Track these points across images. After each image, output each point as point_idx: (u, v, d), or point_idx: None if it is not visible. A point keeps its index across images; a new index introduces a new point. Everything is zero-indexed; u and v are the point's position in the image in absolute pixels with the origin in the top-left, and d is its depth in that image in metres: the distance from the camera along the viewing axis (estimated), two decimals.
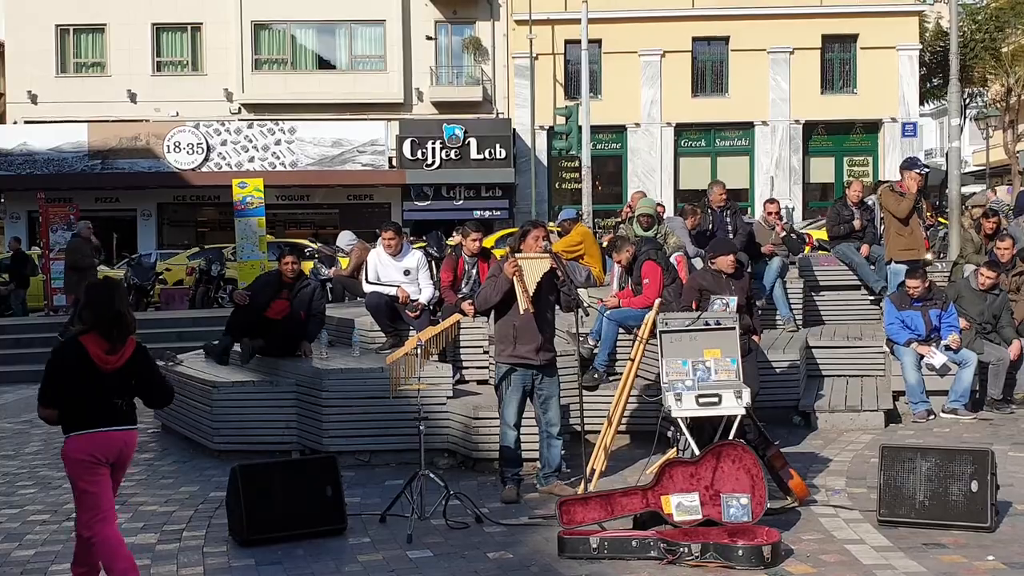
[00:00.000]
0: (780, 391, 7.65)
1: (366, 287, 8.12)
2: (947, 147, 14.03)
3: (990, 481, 5.00)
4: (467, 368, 7.80)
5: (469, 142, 25.63)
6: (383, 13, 26.85)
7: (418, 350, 5.85)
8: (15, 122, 26.81)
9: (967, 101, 29.99)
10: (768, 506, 5.08)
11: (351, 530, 5.37)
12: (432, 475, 5.64)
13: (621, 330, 7.49)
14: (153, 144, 25.72)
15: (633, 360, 6.35)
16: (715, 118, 27.02)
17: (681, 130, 27.25)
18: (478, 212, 25.01)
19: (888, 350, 8.19)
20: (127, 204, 26.52)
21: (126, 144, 25.71)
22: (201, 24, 27.09)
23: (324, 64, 27.68)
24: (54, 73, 26.99)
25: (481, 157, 25.71)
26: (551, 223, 15.11)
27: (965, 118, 28.24)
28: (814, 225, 19.16)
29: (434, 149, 25.62)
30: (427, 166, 25.69)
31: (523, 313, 5.78)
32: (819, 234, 15.83)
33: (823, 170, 28.01)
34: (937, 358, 7.77)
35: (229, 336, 8.11)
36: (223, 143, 25.83)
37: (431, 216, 25.13)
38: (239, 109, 27.05)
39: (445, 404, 6.88)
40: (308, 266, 15.99)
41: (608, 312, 7.44)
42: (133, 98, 26.86)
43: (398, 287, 7.88)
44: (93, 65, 27.44)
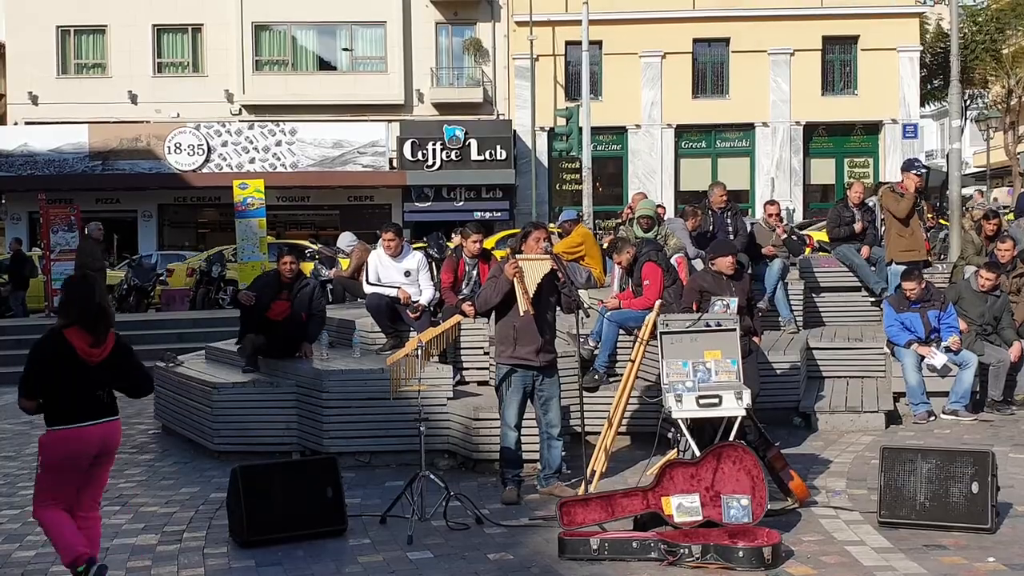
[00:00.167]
0: (781, 392, 7.65)
1: (367, 288, 8.12)
2: (948, 148, 14.02)
3: (991, 482, 5.00)
4: (467, 369, 7.80)
5: (470, 143, 25.63)
6: (384, 14, 26.86)
7: (419, 351, 5.85)
8: (16, 123, 26.84)
9: (968, 103, 30.01)
10: (768, 507, 5.08)
11: (351, 531, 5.37)
12: (432, 476, 5.64)
13: (621, 331, 7.49)
14: (154, 145, 25.74)
15: (633, 361, 6.35)
16: (716, 119, 27.03)
17: (682, 131, 27.26)
18: (479, 213, 25.01)
19: (888, 351, 8.19)
20: (128, 205, 26.54)
21: (127, 145, 25.73)
22: (202, 25, 27.11)
23: (325, 65, 27.70)
24: (55, 74, 27.01)
25: (482, 158, 25.71)
26: (552, 224, 15.12)
27: (966, 120, 28.26)
28: (812, 227, 19.15)
29: (435, 150, 25.63)
30: (428, 167, 25.70)
31: (523, 315, 5.79)
32: (819, 235, 15.83)
33: (824, 171, 28.01)
34: (938, 358, 7.77)
35: (251, 338, 7.84)
36: (224, 144, 25.85)
37: (432, 217, 25.13)
38: (240, 110, 27.07)
39: (445, 405, 6.89)
40: (308, 267, 16.00)
41: (608, 313, 7.44)
42: (134, 99, 26.88)
43: (399, 288, 7.89)
44: (94, 66, 27.46)
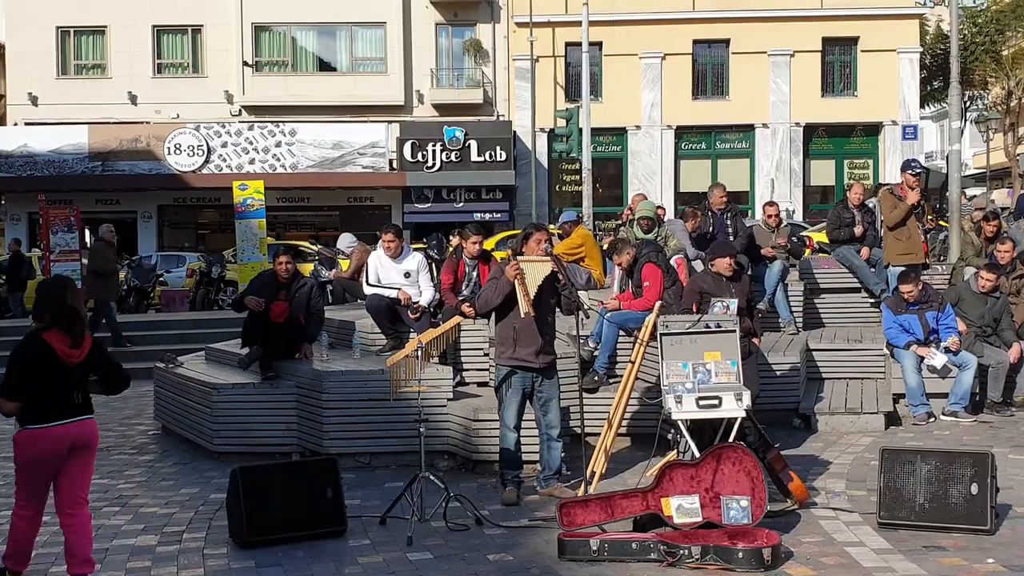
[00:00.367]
0: (780, 393, 7.65)
1: (367, 289, 8.12)
2: (947, 150, 14.05)
3: (990, 484, 5.00)
4: (467, 370, 7.80)
5: (469, 144, 25.63)
6: (383, 15, 26.86)
7: (418, 352, 5.86)
8: (15, 124, 26.83)
9: (967, 104, 30.03)
10: (768, 508, 5.08)
11: (351, 532, 5.38)
12: (432, 477, 5.64)
13: (621, 332, 7.49)
14: (153, 146, 25.73)
15: (633, 362, 6.36)
16: (715, 120, 27.03)
17: (681, 132, 27.26)
18: (478, 214, 25.01)
19: (888, 353, 8.20)
20: (127, 206, 26.53)
21: (126, 146, 25.72)
22: (202, 26, 27.10)
23: (324, 66, 27.70)
24: (55, 75, 27.00)
25: (481, 159, 25.71)
26: (552, 226, 15.12)
27: (965, 121, 28.28)
28: (812, 229, 19.15)
29: (434, 151, 25.63)
30: (427, 168, 25.70)
31: (524, 316, 5.79)
32: (819, 236, 15.84)
33: (823, 173, 28.01)
34: (938, 359, 7.77)
35: (256, 347, 7.72)
36: (223, 145, 25.85)
37: (431, 218, 25.13)
38: (239, 111, 27.07)
39: (445, 406, 6.89)
40: (308, 268, 16.01)
41: (608, 314, 7.44)
42: (134, 100, 26.87)
43: (399, 289, 7.89)
44: (94, 67, 27.46)
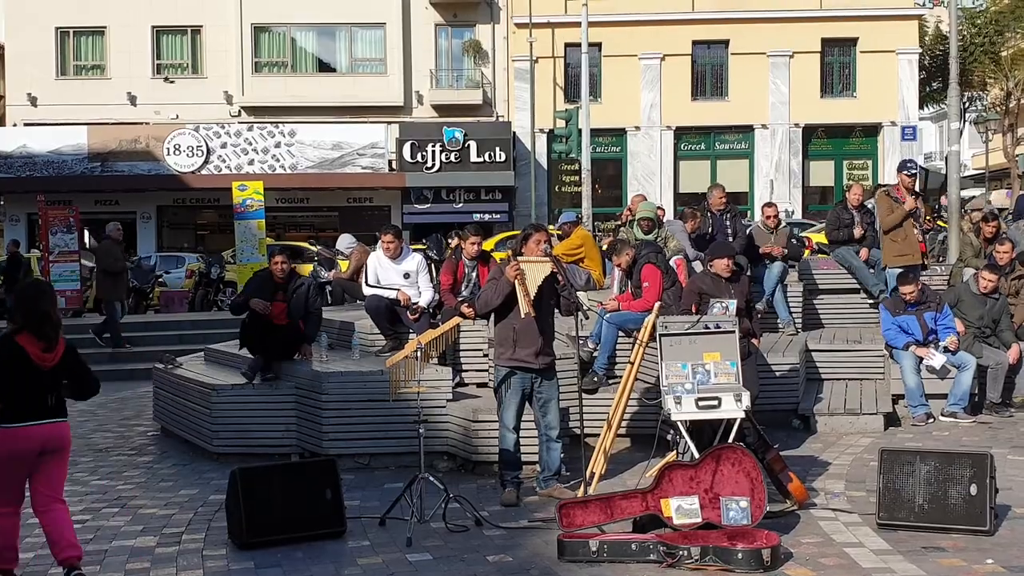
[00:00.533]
0: (779, 394, 7.65)
1: (366, 290, 8.12)
2: (946, 151, 14.05)
3: (989, 484, 5.01)
4: (467, 371, 7.80)
5: (469, 145, 25.64)
6: (383, 16, 26.87)
7: (418, 353, 5.85)
8: (15, 124, 26.83)
9: (966, 105, 30.03)
10: (767, 509, 5.08)
11: (350, 533, 5.37)
12: (432, 478, 5.64)
13: (621, 333, 7.49)
14: (153, 147, 25.74)
15: (633, 363, 6.35)
16: (715, 121, 27.05)
17: (681, 133, 27.27)
18: (478, 215, 25.01)
19: (887, 354, 8.20)
20: (127, 207, 26.51)
21: (126, 147, 25.72)
22: (201, 27, 27.11)
23: (324, 67, 27.70)
24: (54, 75, 27.00)
25: (481, 160, 25.72)
26: (551, 226, 15.12)
27: (964, 122, 28.28)
28: (813, 229, 19.15)
29: (434, 152, 25.63)
30: (427, 169, 25.70)
31: (524, 317, 5.79)
32: (818, 237, 15.85)
33: (823, 173, 28.03)
34: (936, 359, 7.77)
35: (259, 355, 7.58)
36: (223, 146, 25.85)
37: (431, 219, 25.13)
38: (239, 112, 27.07)
39: (445, 407, 6.89)
40: (307, 268, 16.01)
41: (608, 315, 7.45)
42: (133, 101, 26.87)
43: (398, 290, 7.89)
44: (93, 68, 27.45)
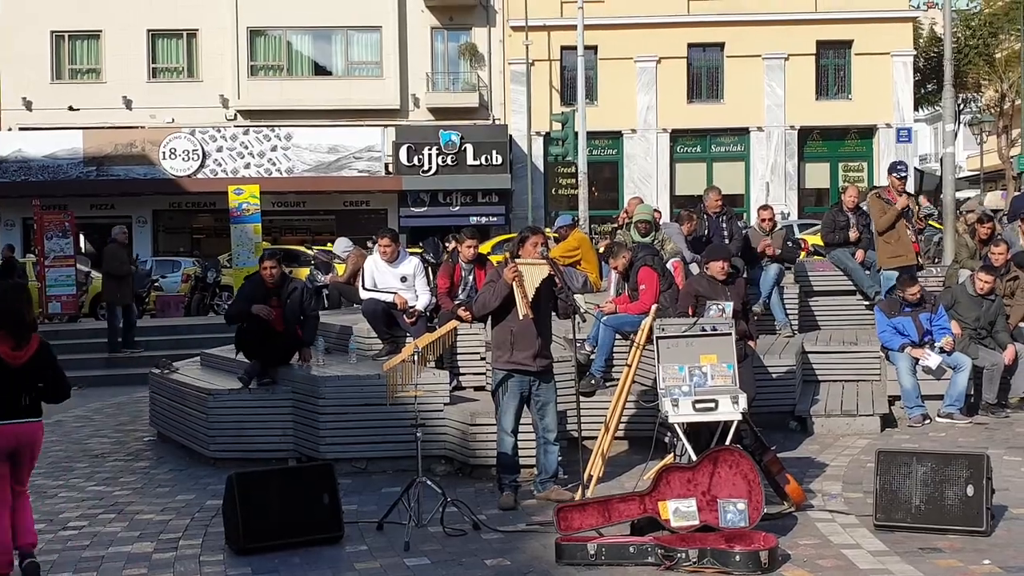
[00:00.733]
0: (776, 396, 7.65)
1: (363, 294, 8.12)
2: (941, 153, 14.10)
3: (986, 485, 5.01)
4: (464, 375, 7.80)
5: (465, 148, 25.65)
6: (379, 19, 26.88)
7: (415, 357, 5.85)
8: (10, 128, 26.77)
9: (961, 107, 30.16)
10: (765, 511, 5.08)
11: (348, 538, 5.36)
12: (429, 482, 5.64)
13: (618, 336, 7.49)
14: (148, 151, 25.71)
15: (630, 366, 6.36)
16: (710, 124, 27.09)
17: (677, 136, 27.31)
18: (474, 218, 25.02)
19: (883, 355, 8.21)
20: (122, 211, 26.45)
21: (121, 151, 25.69)
22: (197, 30, 27.10)
23: (320, 70, 27.70)
24: (49, 79, 26.97)
25: (477, 163, 25.73)
26: (548, 229, 15.12)
27: (959, 123, 28.38)
28: (811, 231, 19.17)
29: (430, 155, 25.64)
30: (423, 172, 25.71)
31: (522, 319, 5.79)
32: (814, 239, 15.87)
33: (818, 175, 28.08)
34: (932, 359, 7.78)
35: (256, 360, 7.54)
36: (219, 149, 25.83)
37: (428, 222, 25.14)
38: (235, 115, 27.05)
39: (442, 411, 6.89)
40: (304, 272, 15.99)
41: (605, 318, 7.45)
42: (128, 104, 26.84)
43: (395, 293, 7.89)
44: (88, 71, 27.43)
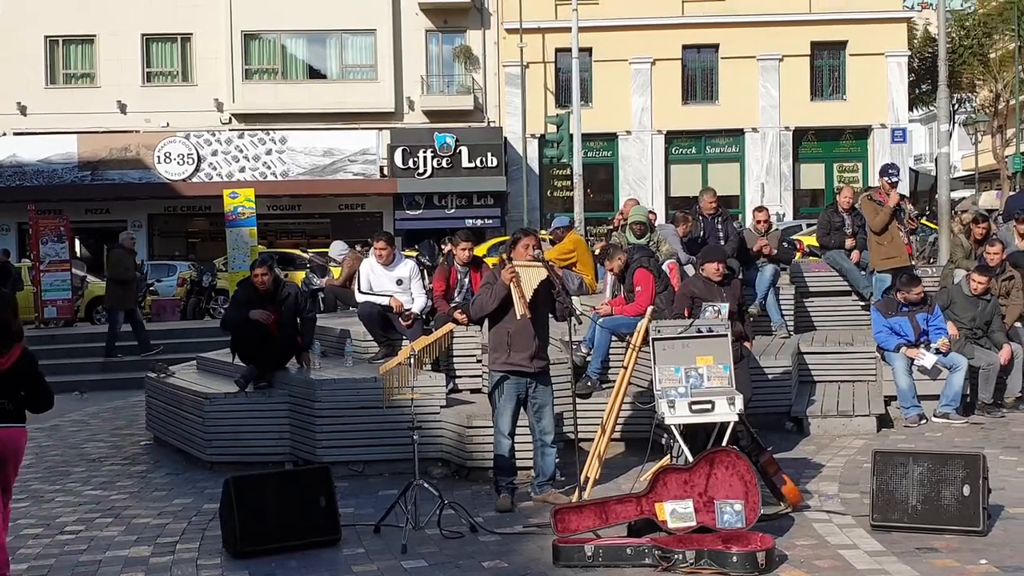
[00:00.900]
0: (772, 397, 7.66)
1: (358, 297, 8.11)
2: (936, 153, 14.13)
3: (982, 485, 5.02)
4: (460, 377, 7.79)
5: (460, 151, 25.66)
6: (373, 22, 26.89)
7: (411, 360, 5.85)
8: (4, 133, 26.71)
9: (956, 107, 30.28)
10: (762, 512, 5.09)
11: (345, 541, 5.36)
12: (426, 484, 5.63)
13: (614, 338, 7.50)
14: (143, 155, 25.69)
15: (626, 368, 6.35)
16: (705, 125, 27.14)
17: (672, 137, 27.35)
18: (470, 221, 25.02)
19: (879, 355, 8.23)
20: (117, 215, 26.43)
21: (116, 155, 25.68)
22: (191, 34, 27.09)
23: (315, 73, 27.69)
24: (44, 84, 26.93)
25: (472, 166, 25.74)
26: (543, 231, 15.12)
27: (954, 124, 28.50)
28: (802, 233, 19.21)
29: (425, 158, 25.65)
30: (419, 175, 25.71)
31: (519, 319, 5.79)
32: (809, 240, 15.90)
33: (813, 176, 28.13)
34: (927, 359, 7.79)
35: (253, 365, 7.51)
36: (214, 153, 25.81)
37: (423, 225, 25.15)
38: (230, 119, 27.03)
39: (439, 413, 6.88)
40: (300, 276, 15.98)
41: (601, 320, 7.45)
42: (123, 109, 26.81)
43: (391, 296, 7.88)
44: (83, 76, 27.39)
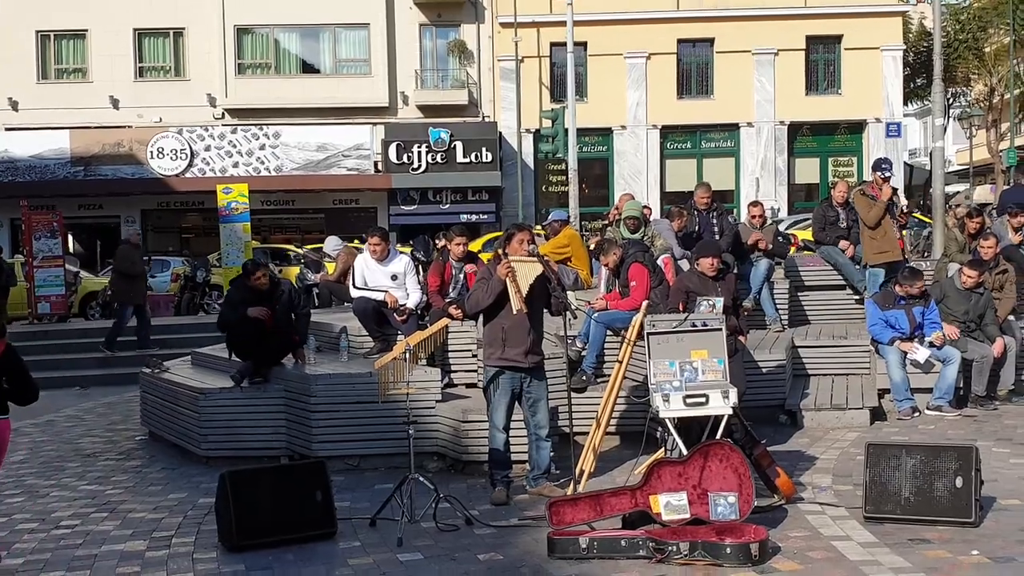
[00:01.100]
0: (766, 390, 7.70)
1: (353, 292, 8.11)
2: (931, 147, 14.15)
3: (974, 477, 5.05)
4: (455, 372, 7.81)
5: (455, 146, 25.62)
6: (367, 16, 26.80)
7: (406, 355, 5.86)
8: None
9: (950, 101, 30.26)
10: (755, 504, 5.11)
11: (341, 534, 5.37)
12: (422, 478, 5.65)
13: (609, 332, 7.52)
14: (136, 150, 25.60)
15: (621, 362, 6.38)
16: (700, 120, 27.13)
17: (667, 132, 27.34)
18: (465, 216, 25.01)
19: (873, 348, 8.26)
20: (110, 211, 26.36)
21: (109, 150, 25.57)
22: (184, 29, 26.97)
23: (308, 68, 27.61)
24: (35, 79, 26.80)
25: (467, 161, 25.71)
26: (537, 226, 15.13)
27: (949, 118, 28.47)
28: (798, 226, 19.25)
29: (420, 153, 25.61)
30: (413, 170, 25.67)
31: (515, 315, 5.80)
32: (804, 235, 15.94)
33: (808, 171, 28.16)
34: (920, 352, 7.82)
35: (250, 360, 7.51)
36: (207, 148, 25.73)
37: (418, 220, 25.10)
38: (223, 114, 26.94)
39: (434, 408, 6.90)
40: (294, 271, 15.96)
41: (596, 315, 7.47)
42: (115, 104, 26.69)
43: (386, 292, 7.89)
44: (74, 71, 27.27)
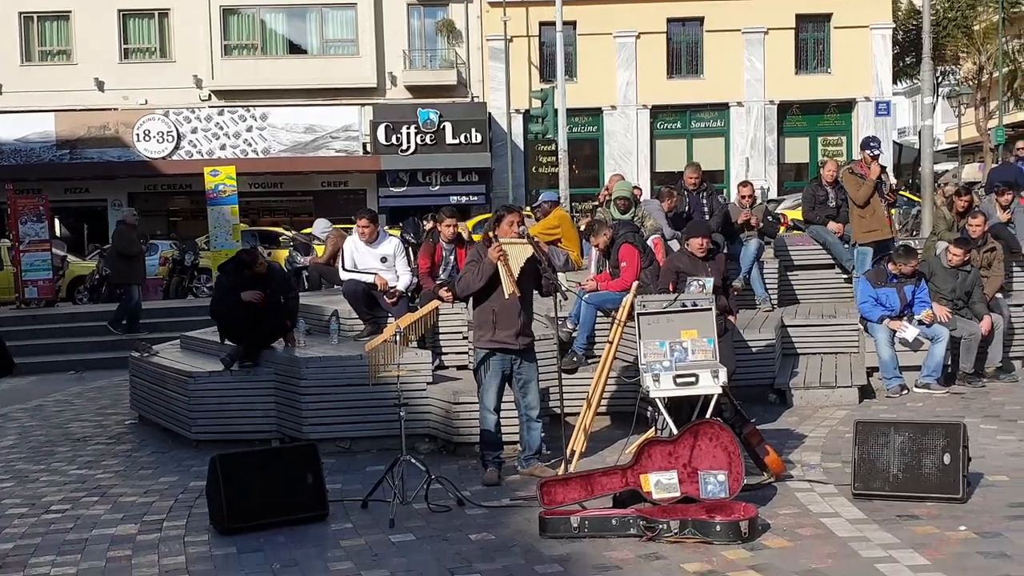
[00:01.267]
0: (756, 369, 7.72)
1: (343, 275, 8.09)
2: (920, 125, 14.18)
3: (962, 454, 5.08)
4: (446, 354, 7.81)
5: (444, 127, 25.50)
6: None
7: (397, 337, 5.85)
8: None
9: (939, 79, 30.29)
10: (745, 482, 5.14)
11: (333, 516, 5.38)
12: (413, 460, 5.66)
13: (599, 313, 7.52)
14: (122, 133, 25.39)
15: (611, 343, 6.38)
16: (690, 99, 27.06)
17: (657, 112, 27.27)
18: (455, 197, 24.94)
19: (862, 327, 8.30)
20: (97, 194, 26.16)
21: (94, 133, 25.36)
22: (169, 10, 26.67)
23: (295, 49, 27.37)
24: (19, 62, 26.49)
25: (457, 142, 25.60)
26: (526, 208, 15.09)
27: (937, 96, 28.52)
28: (786, 205, 19.29)
29: (409, 134, 25.47)
30: (402, 151, 25.55)
31: (507, 297, 5.79)
32: (793, 214, 15.97)
33: (798, 150, 28.16)
34: (909, 331, 7.86)
35: (241, 344, 7.48)
36: (193, 131, 25.54)
37: (407, 202, 25.03)
38: (209, 96, 26.71)
39: (425, 390, 6.90)
40: (283, 254, 15.90)
41: (586, 296, 7.47)
42: (100, 86, 26.42)
43: (375, 274, 7.86)
44: (59, 53, 26.96)
